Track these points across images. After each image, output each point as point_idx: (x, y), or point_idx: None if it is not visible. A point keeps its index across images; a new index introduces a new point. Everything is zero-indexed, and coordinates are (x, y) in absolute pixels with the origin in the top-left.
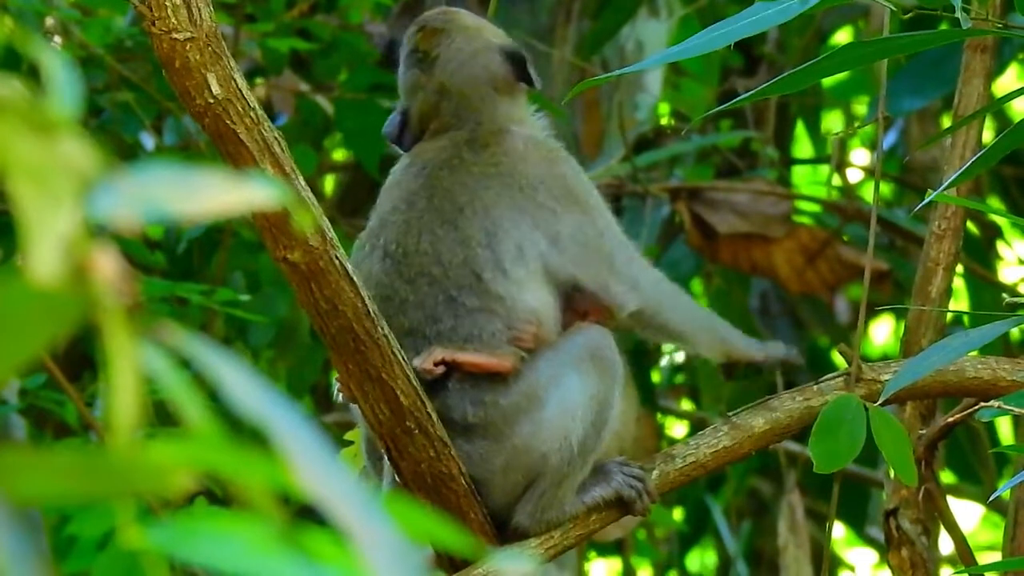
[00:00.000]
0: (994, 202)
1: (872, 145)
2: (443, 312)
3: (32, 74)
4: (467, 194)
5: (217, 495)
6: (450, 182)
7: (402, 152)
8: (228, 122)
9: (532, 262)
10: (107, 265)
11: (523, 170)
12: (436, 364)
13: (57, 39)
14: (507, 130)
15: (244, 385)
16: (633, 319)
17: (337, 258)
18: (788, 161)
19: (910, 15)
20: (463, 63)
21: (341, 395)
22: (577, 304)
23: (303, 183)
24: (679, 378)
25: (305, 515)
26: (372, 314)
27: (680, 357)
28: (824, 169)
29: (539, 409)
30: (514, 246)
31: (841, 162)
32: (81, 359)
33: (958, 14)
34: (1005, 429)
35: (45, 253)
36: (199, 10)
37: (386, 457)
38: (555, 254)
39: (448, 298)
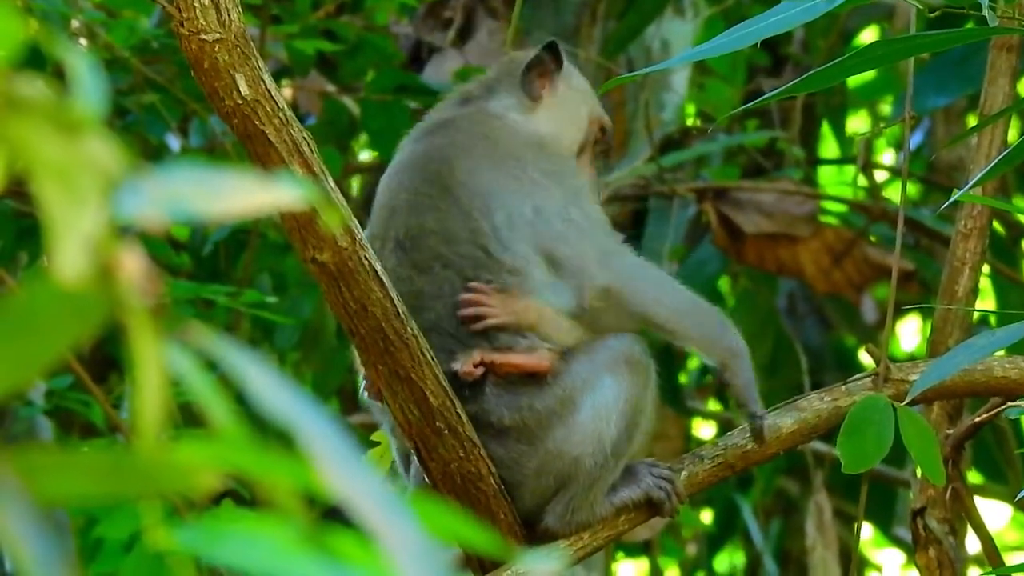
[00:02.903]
0: (1020, 201)
1: (898, 145)
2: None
3: (58, 76)
4: (457, 151)
5: (244, 496)
6: (442, 140)
7: None
8: (257, 123)
9: (523, 230)
10: (132, 265)
11: (514, 142)
12: (476, 366)
13: (83, 41)
14: (509, 112)
15: (270, 386)
16: (603, 300)
17: (366, 258)
18: (814, 161)
19: (936, 13)
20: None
21: (367, 393)
22: None
23: (332, 183)
24: (707, 379)
25: (331, 517)
26: (401, 314)
27: None
28: (850, 169)
29: (573, 413)
30: (505, 215)
31: (867, 162)
32: (108, 361)
33: (984, 12)
34: None
35: (70, 253)
36: (227, 11)
37: (415, 458)
38: (540, 224)
39: (464, 280)
